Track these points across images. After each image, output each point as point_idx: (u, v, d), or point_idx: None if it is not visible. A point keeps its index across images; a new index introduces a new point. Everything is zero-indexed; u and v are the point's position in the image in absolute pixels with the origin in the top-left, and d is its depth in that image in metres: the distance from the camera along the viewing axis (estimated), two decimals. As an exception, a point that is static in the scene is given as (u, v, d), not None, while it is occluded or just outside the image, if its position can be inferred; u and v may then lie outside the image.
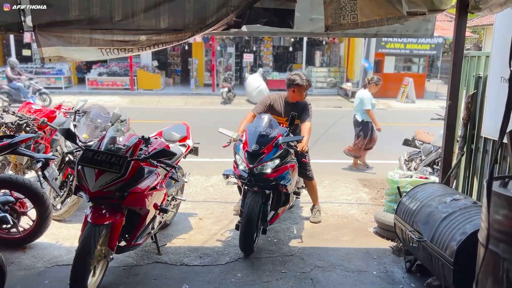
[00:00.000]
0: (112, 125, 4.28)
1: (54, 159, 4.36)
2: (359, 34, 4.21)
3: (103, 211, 3.02)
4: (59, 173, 4.51)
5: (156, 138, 4.03)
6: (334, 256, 3.93)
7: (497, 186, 2.36)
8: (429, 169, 5.46)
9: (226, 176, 4.07)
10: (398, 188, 4.08)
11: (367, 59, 16.87)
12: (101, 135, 3.56)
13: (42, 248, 3.91)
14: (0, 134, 4.63)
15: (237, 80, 19.82)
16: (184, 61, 20.21)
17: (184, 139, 4.53)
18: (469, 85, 4.31)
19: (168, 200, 3.98)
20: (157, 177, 3.42)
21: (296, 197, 4.85)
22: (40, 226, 3.84)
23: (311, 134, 4.47)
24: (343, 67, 19.27)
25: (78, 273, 2.85)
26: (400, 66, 18.54)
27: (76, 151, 3.69)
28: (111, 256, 3.18)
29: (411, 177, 4.48)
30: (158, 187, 3.44)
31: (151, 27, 3.11)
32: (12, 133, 4.76)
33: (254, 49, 20.63)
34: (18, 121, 4.98)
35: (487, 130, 3.92)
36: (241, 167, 3.90)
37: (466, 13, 3.72)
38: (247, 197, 3.84)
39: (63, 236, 4.19)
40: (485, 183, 2.29)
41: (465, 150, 4.29)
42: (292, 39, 19.93)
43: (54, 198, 4.56)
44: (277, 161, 3.90)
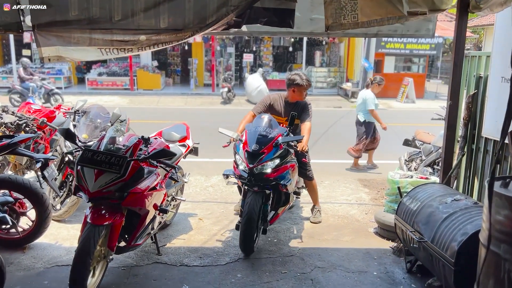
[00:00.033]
0: (112, 125, 4.27)
1: (54, 159, 4.35)
2: (360, 34, 4.20)
3: (103, 212, 3.02)
4: (59, 173, 4.50)
5: (156, 138, 4.02)
6: (335, 257, 3.92)
7: (498, 187, 2.35)
8: (430, 169, 5.46)
9: (226, 176, 4.06)
10: (399, 189, 4.07)
11: (367, 59, 16.86)
12: (101, 135, 3.55)
13: (42, 249, 3.90)
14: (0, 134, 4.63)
15: (237, 80, 19.82)
16: (184, 61, 20.21)
17: (184, 139, 4.52)
18: (470, 85, 4.30)
19: (168, 201, 3.97)
20: (157, 177, 3.41)
21: (296, 197, 4.85)
22: (40, 227, 3.83)
23: (311, 134, 4.46)
24: (343, 67, 19.27)
25: (78, 274, 2.84)
26: (400, 66, 18.53)
27: (76, 151, 3.68)
28: (111, 257, 3.17)
29: (412, 177, 4.47)
30: (158, 188, 3.43)
31: (151, 27, 3.10)
32: (12, 133, 4.75)
33: (254, 49, 20.62)
34: (18, 121, 4.97)
35: (488, 130, 3.91)
36: (241, 167, 3.89)
37: (467, 13, 3.71)
38: (247, 197, 3.83)
39: (63, 237, 4.18)
40: (487, 184, 2.28)
41: (466, 150, 4.28)
42: (292, 39, 19.92)
43: (54, 199, 4.55)
44: (277, 161, 3.89)
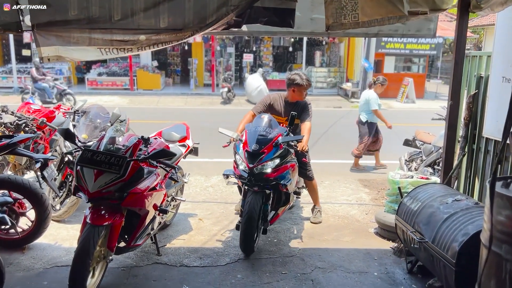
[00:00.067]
0: (112, 125, 4.27)
1: (53, 160, 4.34)
2: (360, 34, 4.20)
3: (102, 212, 3.01)
4: (58, 174, 4.49)
5: (156, 138, 4.01)
6: (335, 257, 3.91)
7: (500, 187, 2.34)
8: (430, 170, 5.45)
9: (226, 176, 4.05)
10: (399, 189, 4.06)
11: (367, 59, 16.84)
12: (101, 135, 3.54)
13: (41, 249, 3.89)
14: (-1, 134, 4.62)
15: (237, 80, 19.80)
16: (184, 61, 20.19)
17: (184, 139, 4.51)
18: (471, 85, 4.29)
19: (168, 201, 3.96)
20: (157, 178, 3.40)
21: (297, 197, 4.84)
22: (39, 227, 3.82)
23: (311, 134, 4.45)
24: (343, 67, 19.26)
25: (77, 274, 2.83)
26: (400, 66, 18.52)
27: (75, 151, 3.67)
28: (110, 257, 3.16)
29: (412, 178, 4.46)
30: (158, 188, 3.42)
31: (151, 27, 3.09)
32: (11, 133, 4.74)
33: (254, 49, 20.60)
34: (17, 121, 4.95)
35: (489, 130, 3.90)
36: (241, 167, 3.89)
37: (468, 13, 3.70)
38: (248, 197, 3.83)
39: (62, 237, 4.17)
40: (488, 184, 2.27)
41: (467, 151, 4.27)
42: (292, 39, 19.90)
43: (53, 199, 4.54)
44: (277, 161, 3.88)
